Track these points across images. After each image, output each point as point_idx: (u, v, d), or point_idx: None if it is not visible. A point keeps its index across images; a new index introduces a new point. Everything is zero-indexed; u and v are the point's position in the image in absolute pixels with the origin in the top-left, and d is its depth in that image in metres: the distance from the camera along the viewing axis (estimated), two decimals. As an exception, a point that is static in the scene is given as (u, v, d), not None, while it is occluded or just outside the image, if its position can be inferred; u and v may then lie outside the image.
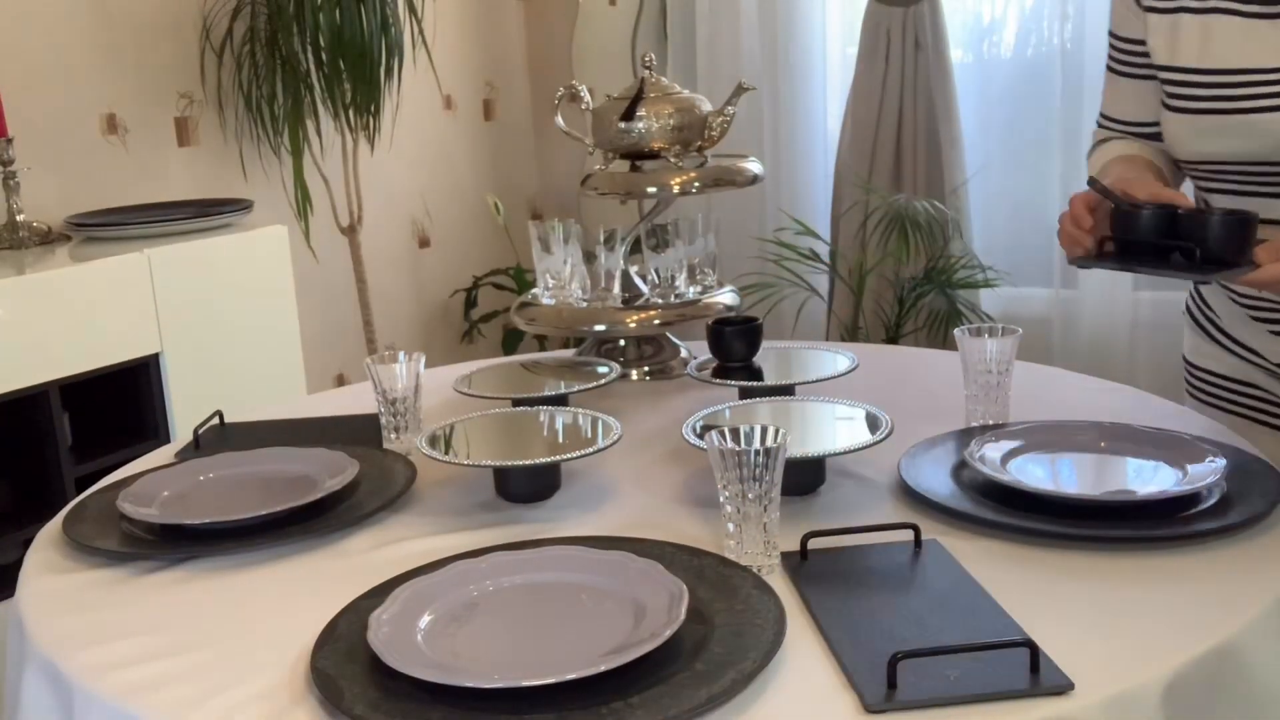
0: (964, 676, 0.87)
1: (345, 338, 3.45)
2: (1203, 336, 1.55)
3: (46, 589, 1.14)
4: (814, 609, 0.99)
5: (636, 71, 3.65)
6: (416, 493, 1.32)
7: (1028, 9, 3.32)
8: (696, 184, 1.66)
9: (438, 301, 3.84)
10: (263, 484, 1.33)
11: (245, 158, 3.10)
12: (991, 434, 1.31)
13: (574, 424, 1.36)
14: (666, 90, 1.69)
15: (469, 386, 1.55)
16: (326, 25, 2.93)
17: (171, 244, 2.48)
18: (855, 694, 0.87)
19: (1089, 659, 0.90)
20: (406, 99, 3.31)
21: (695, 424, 1.31)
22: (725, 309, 1.69)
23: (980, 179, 3.35)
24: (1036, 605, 0.99)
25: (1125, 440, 1.29)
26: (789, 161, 3.65)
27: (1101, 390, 1.61)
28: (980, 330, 1.39)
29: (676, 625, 0.92)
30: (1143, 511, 1.14)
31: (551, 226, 1.69)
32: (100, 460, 2.29)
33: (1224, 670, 0.92)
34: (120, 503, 1.25)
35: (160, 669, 0.97)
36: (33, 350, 2.20)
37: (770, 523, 1.07)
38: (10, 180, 2.50)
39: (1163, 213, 1.26)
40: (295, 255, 2.79)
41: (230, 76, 3.02)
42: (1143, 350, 3.22)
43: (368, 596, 1.04)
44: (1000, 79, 3.38)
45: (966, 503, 1.17)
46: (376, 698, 0.87)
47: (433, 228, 3.79)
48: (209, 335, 2.52)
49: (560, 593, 1.04)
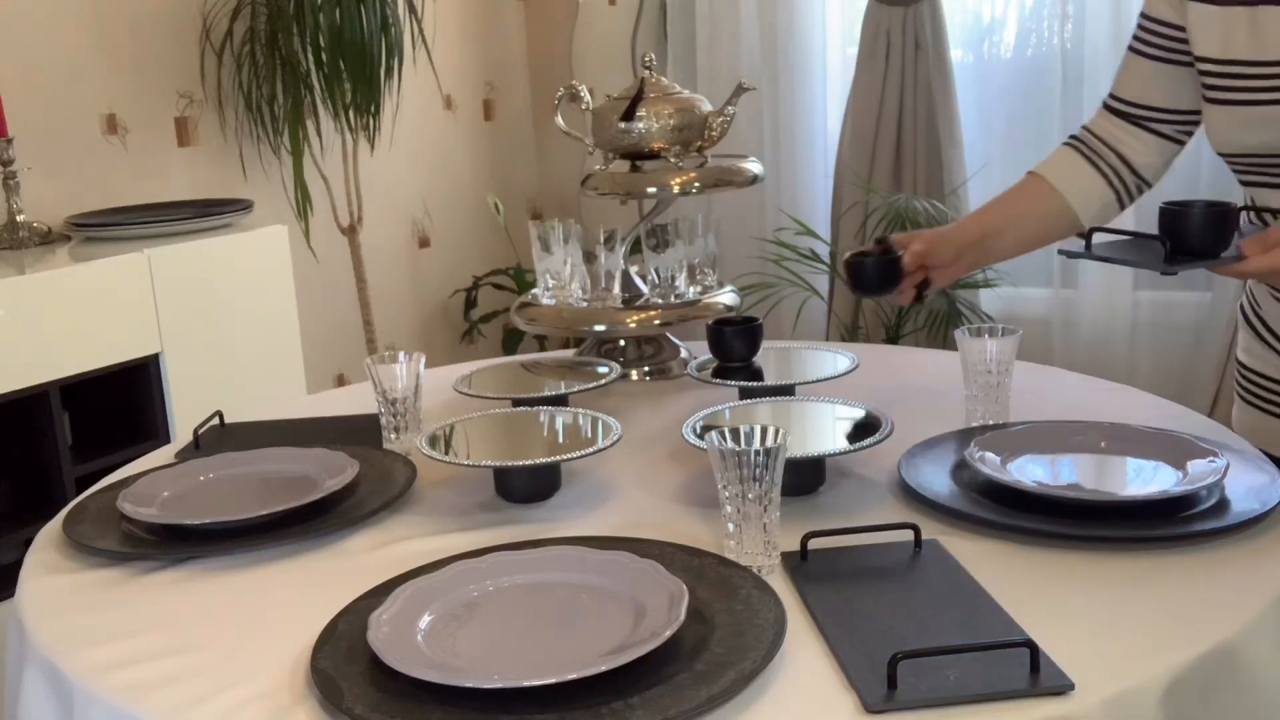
0: (964, 676, 0.87)
1: (345, 338, 3.45)
2: (1255, 338, 1.53)
3: (46, 589, 1.14)
4: (814, 609, 0.99)
5: (636, 71, 3.65)
6: (416, 493, 1.32)
7: (1028, 9, 3.32)
8: (696, 184, 1.66)
9: (438, 301, 3.84)
10: (263, 484, 1.33)
11: (245, 158, 3.10)
12: (991, 434, 1.31)
13: (574, 424, 1.36)
14: (666, 90, 1.69)
15: (469, 386, 1.55)
16: (326, 25, 2.93)
17: (171, 244, 2.48)
18: (855, 694, 0.87)
19: (1089, 659, 0.90)
20: (406, 99, 3.31)
21: (695, 424, 1.31)
22: (725, 309, 1.69)
23: (980, 179, 3.35)
24: (1036, 605, 0.99)
25: (1125, 440, 1.29)
26: (789, 161, 3.65)
27: (1101, 390, 1.61)
28: (980, 330, 1.39)
29: (676, 625, 0.92)
30: (1143, 511, 1.14)
31: (551, 226, 1.69)
32: (100, 460, 2.29)
33: (1224, 670, 0.92)
34: (120, 503, 1.25)
35: (160, 669, 0.97)
36: (33, 350, 2.20)
37: (770, 523, 1.07)
38: (10, 180, 2.50)
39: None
40: (295, 255, 2.79)
41: (230, 76, 3.02)
42: (1143, 350, 3.21)
43: (368, 596, 1.04)
44: (1000, 79, 3.38)
45: (966, 503, 1.17)
46: (376, 698, 0.87)
47: (433, 228, 3.79)
48: (209, 335, 2.52)
49: (560, 593, 1.03)
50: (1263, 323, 1.50)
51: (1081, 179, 1.52)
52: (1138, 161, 1.51)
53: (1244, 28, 1.35)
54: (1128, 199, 1.54)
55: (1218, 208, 1.28)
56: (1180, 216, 1.28)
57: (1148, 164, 1.52)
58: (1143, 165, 1.51)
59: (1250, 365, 1.54)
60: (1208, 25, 1.39)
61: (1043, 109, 3.30)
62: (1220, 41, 1.37)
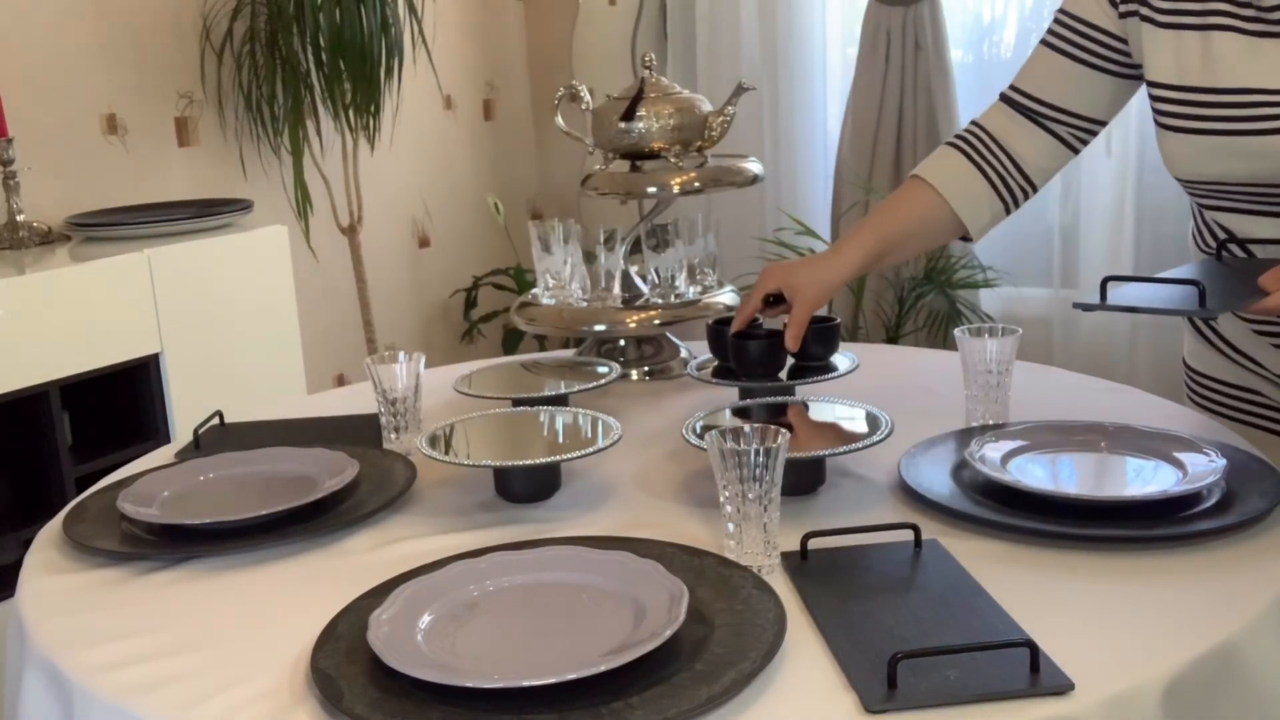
0: (964, 676, 0.87)
1: (345, 338, 3.45)
2: (1203, 343, 1.52)
3: (46, 589, 1.14)
4: (814, 609, 0.99)
5: (636, 71, 3.65)
6: (416, 493, 1.32)
7: (1028, 9, 3.32)
8: (696, 184, 1.66)
9: (438, 301, 3.84)
10: (263, 484, 1.33)
11: (245, 158, 3.10)
12: (991, 434, 1.31)
13: (574, 424, 1.36)
14: (666, 90, 1.69)
15: (469, 386, 1.55)
16: (326, 25, 2.93)
17: (171, 244, 2.48)
18: (855, 694, 0.87)
19: (1089, 659, 0.90)
20: (406, 99, 3.31)
21: (695, 424, 1.31)
22: (725, 309, 1.69)
23: (980, 179, 3.35)
24: (1036, 605, 0.99)
25: (1125, 440, 1.29)
26: (789, 161, 3.65)
27: (1101, 390, 1.61)
28: (980, 330, 1.39)
29: (676, 625, 0.92)
30: (1143, 511, 1.14)
31: (551, 226, 1.69)
32: (100, 460, 2.29)
33: (1224, 670, 0.92)
34: (120, 503, 1.25)
35: (160, 669, 0.97)
36: (33, 350, 2.20)
37: (770, 523, 1.07)
38: (10, 180, 2.50)
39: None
40: (295, 255, 2.79)
41: (230, 76, 3.02)
42: (1143, 350, 3.22)
43: (368, 596, 1.04)
44: (1000, 79, 3.34)
45: (966, 503, 1.17)
46: (376, 698, 0.87)
47: (433, 228, 3.79)
48: (209, 335, 2.52)
49: (560, 593, 1.03)
50: (1214, 331, 1.50)
51: (969, 186, 1.45)
52: (1028, 162, 1.45)
53: (1195, 53, 1.30)
54: (1013, 206, 1.47)
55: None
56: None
57: (1037, 167, 1.45)
58: (1032, 168, 1.45)
59: (1200, 369, 1.54)
60: (1158, 48, 1.33)
61: (1043, 109, 3.29)
62: (1175, 67, 1.32)
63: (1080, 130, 1.45)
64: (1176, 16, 1.32)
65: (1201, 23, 1.30)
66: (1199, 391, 1.55)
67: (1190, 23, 1.31)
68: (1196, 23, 1.30)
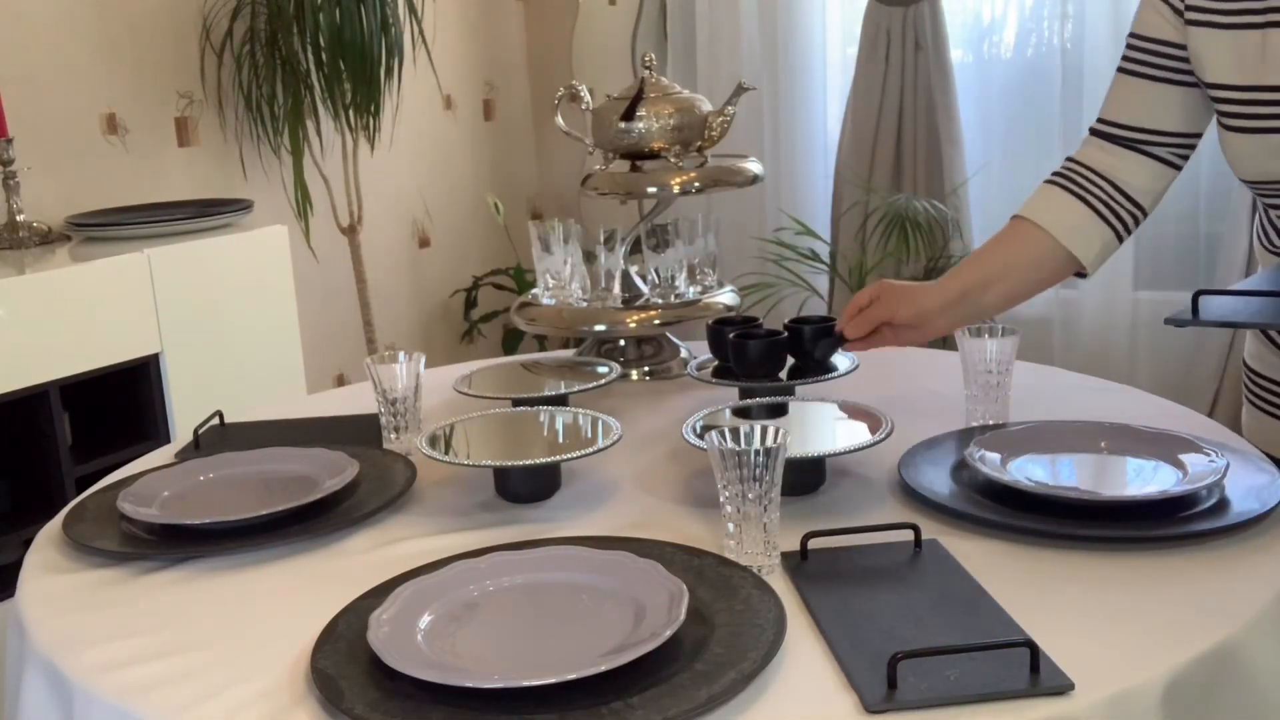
0: (964, 676, 0.87)
1: (345, 338, 3.45)
2: (1269, 347, 1.49)
3: (46, 589, 1.14)
4: (814, 609, 0.99)
5: (636, 71, 3.65)
6: (416, 493, 1.32)
7: (1028, 9, 3.32)
8: (696, 184, 1.66)
9: (438, 301, 3.84)
10: (263, 484, 1.33)
11: (245, 158, 3.10)
12: (991, 434, 1.31)
13: (574, 424, 1.36)
14: (666, 90, 1.69)
15: (469, 386, 1.55)
16: (326, 25, 2.93)
17: (171, 244, 2.48)
18: (855, 694, 0.87)
19: (1089, 659, 0.90)
20: (406, 99, 3.31)
21: (695, 424, 1.31)
22: (725, 309, 1.69)
23: (980, 179, 3.35)
24: (1036, 605, 0.99)
25: (1125, 440, 1.29)
26: (789, 161, 3.65)
27: (1101, 390, 1.61)
28: (980, 330, 1.39)
29: (676, 625, 0.92)
30: (1143, 511, 1.14)
31: (551, 226, 1.69)
32: (100, 460, 2.29)
33: (1224, 670, 0.92)
34: (120, 503, 1.25)
35: (160, 669, 0.97)
36: (33, 350, 2.20)
37: (770, 523, 1.07)
38: (10, 180, 2.50)
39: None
40: (295, 255, 2.79)
41: (230, 76, 3.02)
42: (1143, 350, 3.21)
43: (368, 596, 1.04)
44: (1000, 79, 3.39)
45: (966, 503, 1.17)
46: (376, 698, 0.87)
47: (433, 228, 3.79)
48: (209, 335, 2.52)
49: (560, 593, 1.03)
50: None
51: (1074, 218, 1.41)
52: (1135, 188, 1.41)
53: (1255, 51, 1.29)
54: (1125, 233, 1.44)
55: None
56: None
57: (1145, 190, 1.42)
58: (1140, 191, 1.41)
59: (1259, 370, 1.52)
60: (1217, 49, 1.32)
61: (1043, 109, 3.30)
62: (1236, 67, 1.31)
63: (1178, 147, 1.42)
64: (1238, 16, 1.31)
65: (1264, 20, 1.29)
66: (1259, 394, 1.52)
67: (1252, 21, 1.30)
68: (1259, 21, 1.30)
